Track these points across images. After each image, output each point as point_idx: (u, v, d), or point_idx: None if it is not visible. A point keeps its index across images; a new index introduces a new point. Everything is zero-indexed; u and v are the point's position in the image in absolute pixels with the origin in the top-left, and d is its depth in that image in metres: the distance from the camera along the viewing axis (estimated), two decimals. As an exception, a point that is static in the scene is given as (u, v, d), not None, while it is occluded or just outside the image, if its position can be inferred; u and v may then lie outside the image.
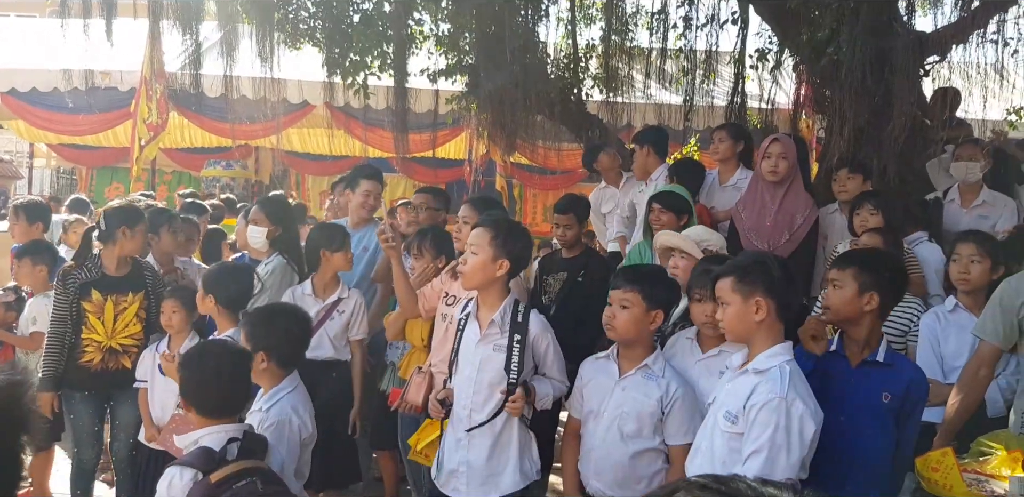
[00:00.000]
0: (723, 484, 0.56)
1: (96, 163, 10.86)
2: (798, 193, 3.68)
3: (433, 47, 6.24)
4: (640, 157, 4.54)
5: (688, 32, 5.78)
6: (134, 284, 3.61)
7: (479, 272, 2.62)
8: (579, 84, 5.94)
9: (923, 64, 4.20)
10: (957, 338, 2.99)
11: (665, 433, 2.46)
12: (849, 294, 2.23)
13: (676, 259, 3.00)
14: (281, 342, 2.58)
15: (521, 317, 2.65)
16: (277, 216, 3.86)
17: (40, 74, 8.31)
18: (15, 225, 4.46)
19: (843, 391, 2.22)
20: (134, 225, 3.53)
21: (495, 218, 2.75)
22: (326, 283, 3.65)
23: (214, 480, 2.07)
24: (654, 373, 2.48)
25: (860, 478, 2.17)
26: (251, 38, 6.34)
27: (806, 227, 3.65)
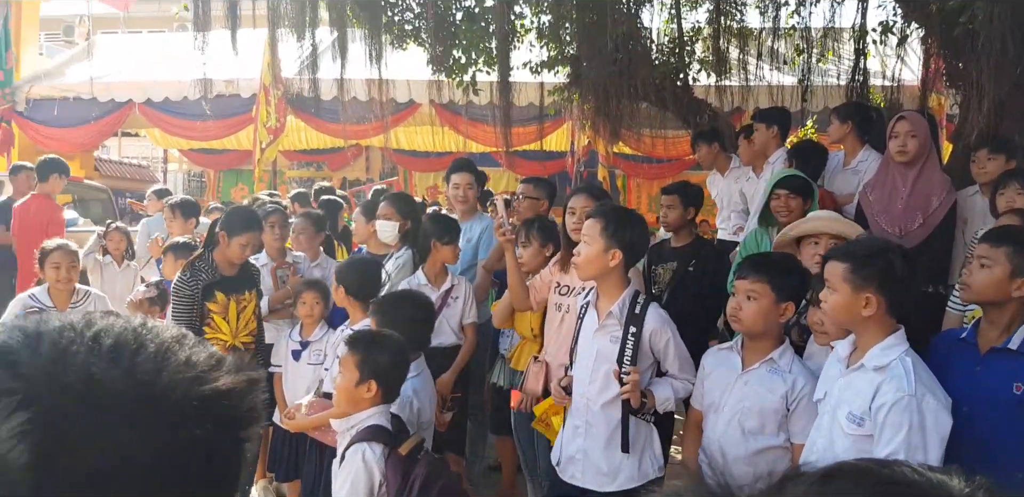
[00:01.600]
0: (886, 468, 0.52)
1: (222, 166, 11.57)
2: (932, 174, 3.43)
3: (535, 40, 6.24)
4: (763, 136, 4.38)
5: (802, 9, 5.52)
6: (248, 282, 3.70)
7: (592, 263, 2.60)
8: (685, 69, 5.79)
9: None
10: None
11: (790, 431, 2.36)
12: (999, 275, 2.06)
13: (825, 245, 2.82)
14: (407, 327, 2.67)
15: (639, 309, 2.61)
16: (405, 211, 4.02)
17: (171, 85, 8.94)
18: (172, 222, 4.83)
19: (967, 381, 2.06)
20: (235, 233, 3.51)
21: (606, 208, 2.72)
22: (437, 272, 3.76)
23: (404, 452, 2.21)
24: (780, 368, 2.37)
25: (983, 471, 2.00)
26: (360, 41, 6.59)
27: (942, 211, 3.39)
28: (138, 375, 0.58)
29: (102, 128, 9.52)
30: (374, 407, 2.31)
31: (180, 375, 0.60)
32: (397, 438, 2.28)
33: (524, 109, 7.19)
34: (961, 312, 2.99)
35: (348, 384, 2.31)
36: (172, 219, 4.90)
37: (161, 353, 0.60)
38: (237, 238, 3.51)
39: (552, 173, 9.13)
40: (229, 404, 0.62)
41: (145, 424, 0.56)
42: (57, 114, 9.35)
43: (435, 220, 3.91)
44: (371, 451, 2.21)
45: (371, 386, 2.30)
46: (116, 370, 0.57)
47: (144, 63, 9.79)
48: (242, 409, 0.63)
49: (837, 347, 2.13)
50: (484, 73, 6.19)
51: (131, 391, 0.57)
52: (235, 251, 3.54)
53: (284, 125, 8.42)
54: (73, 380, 0.56)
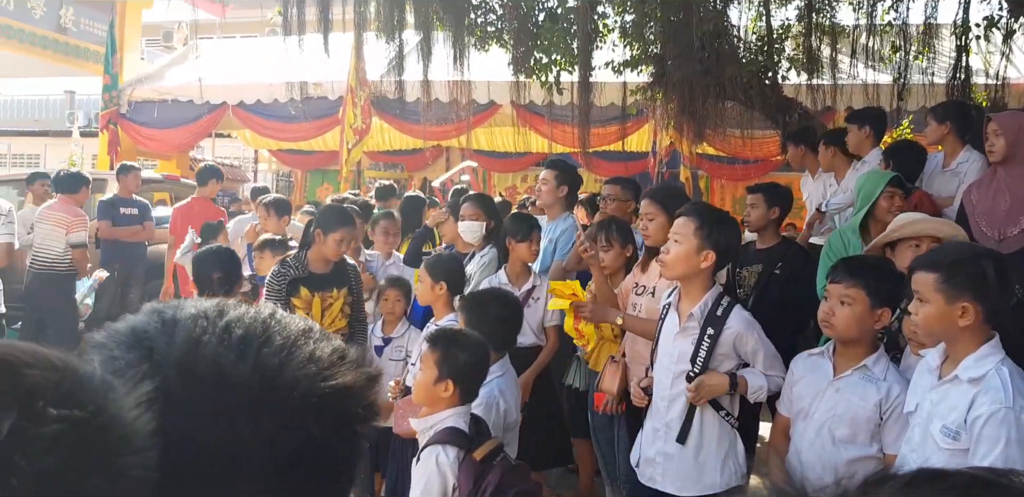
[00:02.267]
0: (1004, 477, 0.50)
1: (309, 166, 11.96)
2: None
3: (617, 39, 6.19)
4: (856, 137, 4.24)
5: (899, 4, 5.30)
6: (338, 280, 3.73)
7: (681, 262, 2.55)
8: (774, 67, 5.64)
9: None
10: None
11: (883, 441, 2.27)
12: None
13: (927, 248, 2.69)
14: (493, 326, 2.68)
15: (722, 311, 2.56)
16: (490, 211, 4.08)
17: (263, 88, 9.31)
18: (266, 220, 5.03)
19: None
20: (329, 230, 3.61)
21: (701, 207, 2.67)
22: (518, 272, 3.78)
23: (478, 457, 2.19)
24: (874, 375, 2.28)
25: None
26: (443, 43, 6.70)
27: (1047, 216, 3.22)
28: (264, 370, 0.59)
29: (198, 129, 10.00)
30: (452, 408, 2.31)
31: (303, 371, 0.61)
32: (475, 441, 2.27)
33: (605, 109, 7.15)
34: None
35: (427, 381, 2.32)
36: (266, 217, 5.11)
37: (288, 347, 0.62)
38: (332, 234, 3.61)
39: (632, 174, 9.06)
40: (348, 400, 0.63)
41: (266, 419, 0.58)
42: (157, 116, 9.88)
43: (513, 218, 3.95)
44: (445, 455, 2.21)
45: (448, 386, 2.29)
46: (244, 365, 0.59)
47: (238, 66, 10.22)
48: (360, 405, 0.64)
49: (927, 357, 2.03)
50: (569, 72, 6.18)
51: (256, 386, 0.59)
52: (331, 247, 3.64)
53: (369, 126, 8.63)
54: (204, 373, 0.58)
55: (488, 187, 11.29)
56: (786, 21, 5.97)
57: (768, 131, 6.56)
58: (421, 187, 11.41)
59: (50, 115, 20.86)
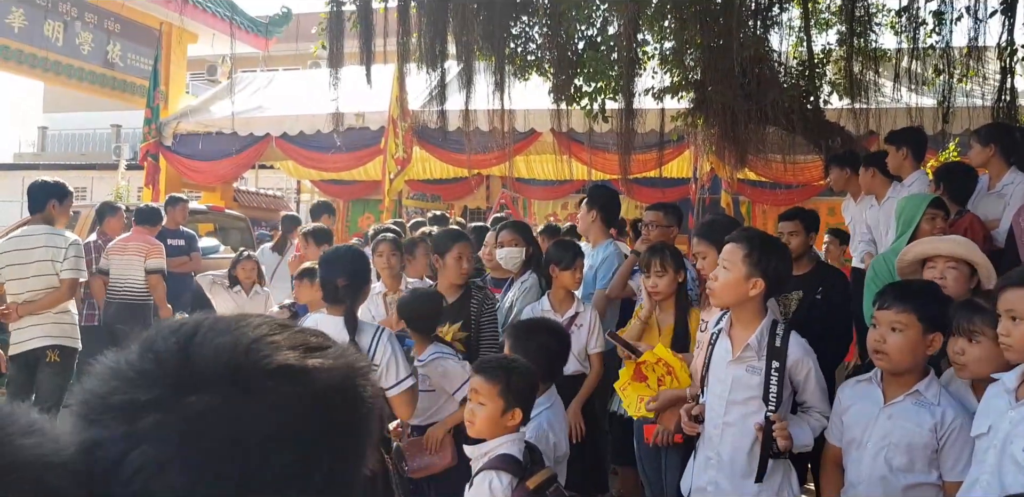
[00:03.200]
0: None
1: (351, 196, 12.17)
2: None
3: (657, 66, 6.25)
4: (895, 159, 4.21)
5: (941, 27, 5.27)
6: (454, 314, 3.61)
7: (731, 290, 2.53)
8: (816, 91, 5.63)
9: None
10: None
11: (942, 467, 2.21)
12: None
13: (941, 269, 2.70)
14: (540, 356, 2.67)
15: (780, 341, 2.53)
16: (528, 237, 4.12)
17: (306, 119, 9.54)
18: (307, 248, 5.14)
19: None
20: (445, 250, 3.63)
21: (750, 234, 2.66)
22: (561, 299, 3.78)
23: (531, 486, 2.17)
24: (927, 400, 2.23)
25: None
26: (483, 72, 6.82)
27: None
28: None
29: (241, 161, 10.25)
30: (507, 434, 2.30)
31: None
32: (529, 470, 2.25)
33: (645, 136, 7.17)
34: None
35: (493, 414, 2.29)
36: (306, 246, 5.20)
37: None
38: (449, 254, 3.63)
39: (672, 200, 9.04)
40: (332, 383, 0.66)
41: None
42: (201, 148, 10.17)
43: (557, 245, 3.96)
44: (499, 480, 2.19)
45: (515, 414, 2.29)
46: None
47: (281, 99, 10.51)
48: (348, 388, 0.68)
49: (1003, 379, 1.98)
50: (613, 100, 6.24)
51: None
52: (451, 267, 3.63)
53: (411, 156, 8.78)
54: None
55: (528, 215, 11.34)
56: (827, 45, 5.97)
57: (810, 156, 6.52)
58: (462, 214, 11.51)
59: (97, 148, 21.60)
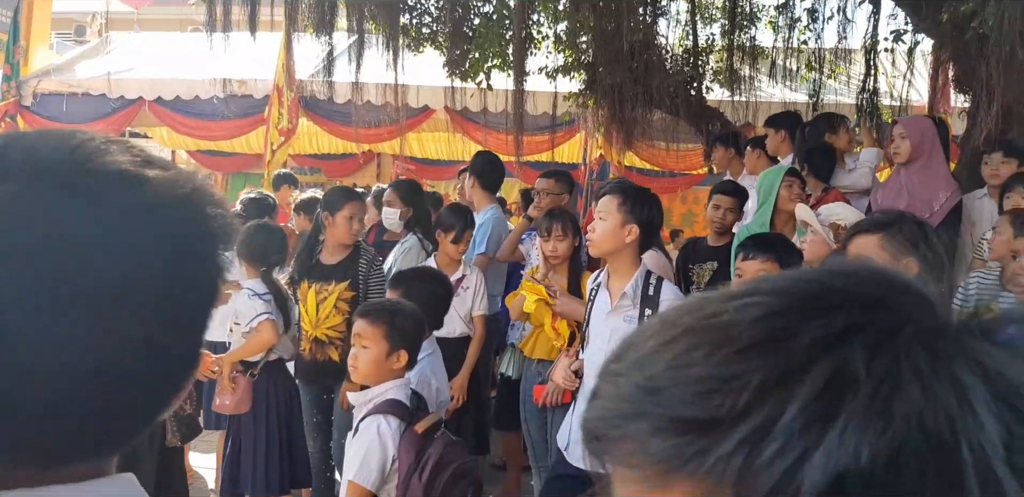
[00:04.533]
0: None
1: (231, 169, 11.62)
2: (935, 176, 3.53)
3: (551, 46, 6.35)
4: (774, 141, 4.47)
5: (814, 25, 5.65)
6: (341, 273, 3.49)
7: (608, 238, 2.61)
8: (699, 78, 5.90)
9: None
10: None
11: None
12: None
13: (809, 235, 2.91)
14: (427, 302, 2.67)
15: (652, 290, 2.64)
16: (409, 198, 4.06)
17: (183, 83, 9.01)
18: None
19: None
20: (335, 209, 3.48)
21: (624, 185, 2.76)
22: (447, 263, 3.77)
23: (419, 431, 2.15)
24: None
25: None
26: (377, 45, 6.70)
27: (943, 212, 3.49)
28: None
29: (111, 126, 9.52)
30: (394, 380, 2.28)
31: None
32: (415, 416, 2.25)
33: (539, 118, 7.28)
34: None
35: (378, 356, 2.26)
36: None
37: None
38: (340, 213, 3.47)
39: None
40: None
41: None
42: (66, 110, 9.39)
43: (450, 211, 3.91)
44: (387, 424, 2.17)
45: (401, 356, 2.27)
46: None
47: (156, 61, 9.87)
48: (192, 210, 0.56)
49: None
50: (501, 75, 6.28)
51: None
52: (342, 227, 3.48)
53: (296, 127, 8.49)
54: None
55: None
56: (711, 37, 6.26)
57: (692, 144, 6.82)
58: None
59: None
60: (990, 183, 3.63)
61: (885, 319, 0.35)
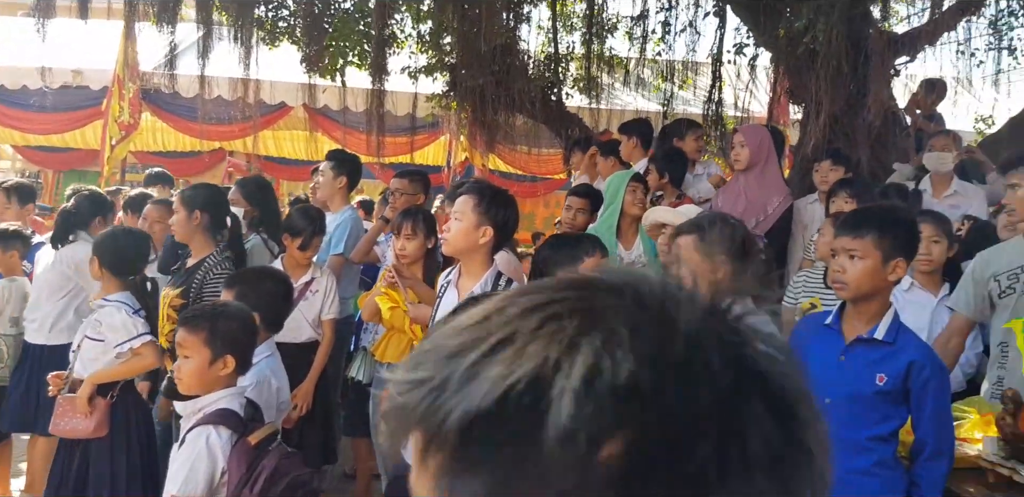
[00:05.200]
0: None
1: (63, 166, 10.64)
2: (770, 181, 3.75)
3: (414, 47, 6.27)
4: (626, 147, 4.59)
5: (667, 37, 5.90)
6: (183, 278, 3.31)
7: (462, 238, 2.58)
8: (560, 84, 6.01)
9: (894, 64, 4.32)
10: (915, 315, 3.01)
11: None
12: (871, 264, 1.99)
13: (668, 234, 2.98)
14: (265, 302, 2.54)
15: (501, 290, 2.62)
16: (255, 197, 3.83)
17: (10, 72, 8.19)
18: (7, 208, 4.36)
19: (831, 371, 2.05)
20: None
21: (481, 185, 2.73)
22: (295, 265, 3.57)
23: (253, 442, 2.03)
24: None
25: (838, 463, 2.02)
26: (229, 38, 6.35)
27: (776, 215, 3.71)
28: None
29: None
30: (226, 389, 2.14)
31: None
32: (248, 426, 2.11)
33: (401, 119, 7.15)
34: (793, 305, 3.24)
35: (200, 366, 2.10)
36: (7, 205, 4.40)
37: None
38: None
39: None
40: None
41: None
42: None
43: (302, 213, 3.70)
44: (216, 435, 2.04)
45: (227, 362, 2.12)
46: None
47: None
48: None
49: None
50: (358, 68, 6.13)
51: None
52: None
53: (139, 122, 7.91)
54: None
55: (276, 196, 10.74)
56: (571, 45, 6.40)
57: (554, 149, 6.94)
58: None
59: None
60: (820, 189, 3.89)
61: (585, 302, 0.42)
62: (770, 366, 0.41)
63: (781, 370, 0.41)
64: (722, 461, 0.37)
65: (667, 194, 4.07)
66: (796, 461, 0.40)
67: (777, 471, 0.38)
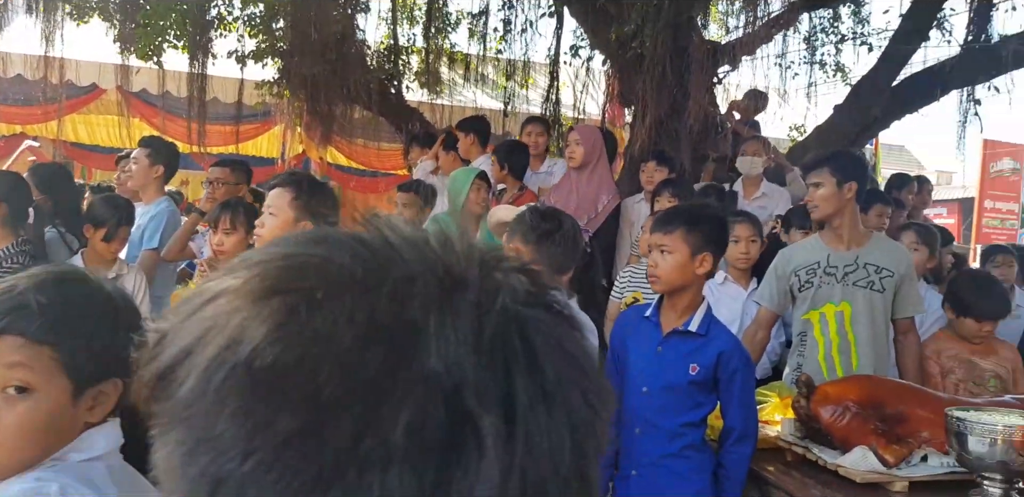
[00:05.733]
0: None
1: None
2: (601, 180, 3.86)
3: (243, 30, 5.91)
4: (463, 144, 4.56)
5: (508, 36, 5.94)
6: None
7: (277, 234, 2.41)
8: (400, 77, 5.88)
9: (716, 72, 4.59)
10: (728, 307, 3.23)
11: None
12: (680, 258, 2.09)
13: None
14: None
15: None
16: (49, 185, 3.42)
17: None
18: None
19: (648, 361, 2.14)
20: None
21: (296, 177, 2.56)
22: (98, 260, 3.23)
23: None
24: None
25: (653, 447, 2.11)
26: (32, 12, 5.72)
27: (605, 213, 3.83)
28: None
29: None
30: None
31: None
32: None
33: (230, 106, 6.71)
34: (619, 299, 3.35)
35: None
36: None
37: None
38: None
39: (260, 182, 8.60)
40: None
41: None
42: None
43: (104, 202, 3.35)
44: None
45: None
46: None
47: None
48: None
49: None
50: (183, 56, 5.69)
51: None
52: None
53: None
54: None
55: (75, 185, 9.77)
56: (412, 37, 6.30)
57: (395, 144, 6.80)
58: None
59: None
60: (646, 188, 4.05)
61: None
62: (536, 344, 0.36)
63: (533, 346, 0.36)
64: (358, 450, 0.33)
65: (509, 187, 4.08)
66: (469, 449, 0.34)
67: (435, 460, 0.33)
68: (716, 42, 4.61)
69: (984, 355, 2.87)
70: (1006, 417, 1.81)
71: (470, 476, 0.33)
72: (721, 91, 5.06)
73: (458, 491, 0.33)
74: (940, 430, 1.92)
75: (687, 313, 2.15)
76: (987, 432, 1.72)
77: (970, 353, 2.87)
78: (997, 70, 5.03)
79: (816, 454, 2.17)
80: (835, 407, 2.16)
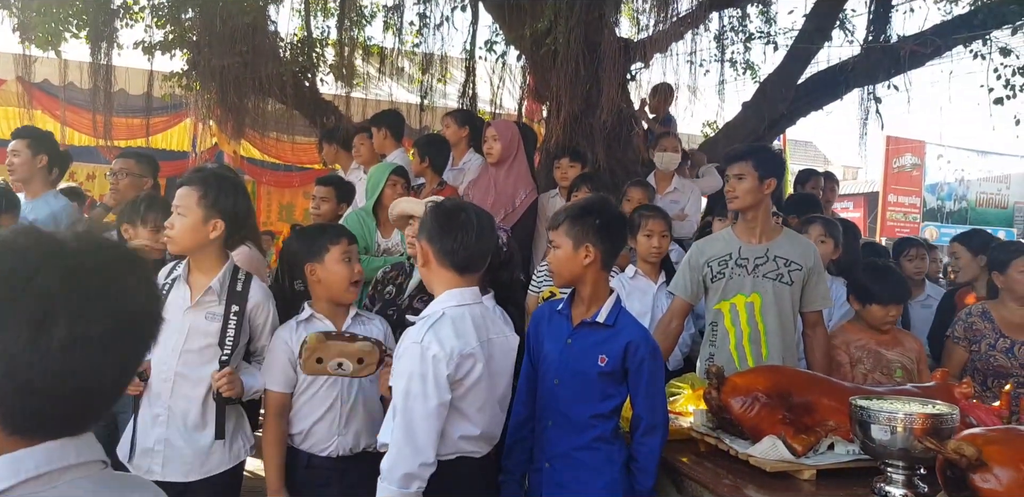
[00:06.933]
0: None
1: None
2: (519, 175, 3.88)
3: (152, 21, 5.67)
4: (377, 138, 4.51)
5: (424, 30, 5.89)
6: None
7: (188, 235, 2.33)
8: (314, 69, 5.76)
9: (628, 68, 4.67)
10: (639, 300, 3.32)
11: None
12: (565, 253, 2.16)
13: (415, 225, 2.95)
14: None
15: (241, 286, 2.43)
16: None
17: None
18: None
19: (559, 352, 2.18)
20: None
21: (204, 174, 2.48)
22: None
23: None
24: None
25: (564, 439, 2.15)
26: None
27: (523, 207, 3.87)
28: None
29: None
30: None
31: None
32: None
33: (138, 98, 6.43)
34: (536, 294, 3.40)
35: None
36: None
37: None
38: None
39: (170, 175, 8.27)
40: None
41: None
42: None
43: None
44: None
45: None
46: None
47: None
48: None
49: None
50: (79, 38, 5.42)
51: None
52: None
53: None
54: None
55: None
56: (326, 29, 6.17)
57: (311, 138, 6.66)
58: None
59: None
60: (560, 184, 4.10)
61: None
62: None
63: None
64: None
65: (428, 181, 4.06)
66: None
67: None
68: (628, 39, 4.69)
69: (890, 346, 2.98)
70: (907, 405, 1.85)
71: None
72: (634, 87, 5.16)
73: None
74: (846, 419, 1.95)
75: (595, 305, 2.20)
76: (889, 420, 1.74)
77: (877, 344, 2.98)
78: (896, 69, 5.29)
79: (728, 444, 2.23)
80: (744, 398, 2.22)
